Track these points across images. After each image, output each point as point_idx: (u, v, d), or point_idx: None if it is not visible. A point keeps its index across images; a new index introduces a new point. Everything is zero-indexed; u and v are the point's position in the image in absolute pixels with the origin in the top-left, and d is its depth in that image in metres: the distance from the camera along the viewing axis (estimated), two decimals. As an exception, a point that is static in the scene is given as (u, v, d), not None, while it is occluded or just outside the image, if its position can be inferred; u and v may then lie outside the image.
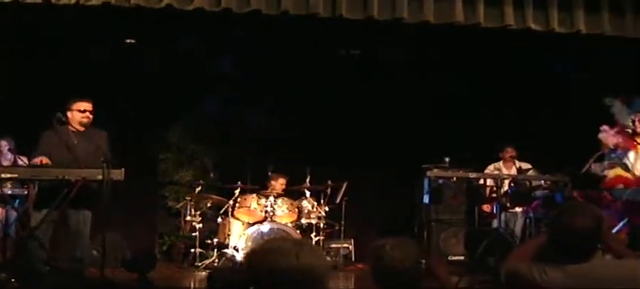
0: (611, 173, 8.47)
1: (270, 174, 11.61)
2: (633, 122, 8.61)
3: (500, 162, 11.17)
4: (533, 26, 8.78)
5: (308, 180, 11.42)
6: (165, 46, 12.01)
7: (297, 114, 12.74)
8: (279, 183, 11.57)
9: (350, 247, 11.72)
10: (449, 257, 11.08)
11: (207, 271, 10.01)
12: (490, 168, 11.07)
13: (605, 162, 8.63)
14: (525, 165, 10.64)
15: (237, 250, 10.61)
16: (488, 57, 11.70)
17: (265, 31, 10.84)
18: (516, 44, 10.41)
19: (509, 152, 11.09)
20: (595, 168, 8.69)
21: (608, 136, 8.80)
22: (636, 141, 8.47)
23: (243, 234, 10.72)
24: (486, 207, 11.04)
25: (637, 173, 8.40)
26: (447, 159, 11.18)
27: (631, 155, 8.54)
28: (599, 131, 8.93)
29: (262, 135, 12.60)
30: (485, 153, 11.28)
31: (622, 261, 4.34)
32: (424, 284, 4.30)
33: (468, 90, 12.48)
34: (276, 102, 12.85)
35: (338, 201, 11.64)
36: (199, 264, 10.67)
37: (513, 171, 10.65)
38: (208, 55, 12.48)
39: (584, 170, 8.75)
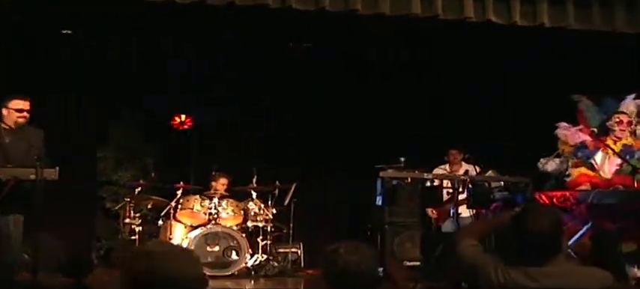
0: (575, 172, 8.37)
1: (213, 173, 11.24)
2: (620, 122, 8.41)
3: (447, 165, 11.03)
4: (493, 19, 8.64)
5: (254, 180, 11.04)
6: (106, 41, 11.66)
7: (245, 113, 12.52)
8: (220, 184, 11.14)
9: (299, 251, 11.41)
10: (404, 262, 10.82)
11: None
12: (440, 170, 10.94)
13: (569, 161, 8.46)
14: (472, 168, 10.44)
15: (179, 254, 10.21)
16: (447, 57, 11.65)
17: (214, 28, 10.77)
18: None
19: (454, 154, 10.97)
20: (556, 165, 8.53)
21: (569, 133, 8.67)
22: (605, 142, 8.30)
23: (186, 238, 10.38)
24: (432, 212, 10.91)
25: (603, 175, 8.27)
26: (402, 159, 10.90)
27: (598, 155, 8.45)
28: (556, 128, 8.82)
29: (209, 134, 12.49)
30: (439, 155, 11.14)
31: (583, 268, 4.42)
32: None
33: (425, 91, 12.43)
34: (224, 101, 12.53)
35: (286, 203, 11.29)
36: (139, 269, 10.22)
37: (461, 174, 10.48)
38: (155, 53, 12.11)
39: (541, 169, 8.64)
